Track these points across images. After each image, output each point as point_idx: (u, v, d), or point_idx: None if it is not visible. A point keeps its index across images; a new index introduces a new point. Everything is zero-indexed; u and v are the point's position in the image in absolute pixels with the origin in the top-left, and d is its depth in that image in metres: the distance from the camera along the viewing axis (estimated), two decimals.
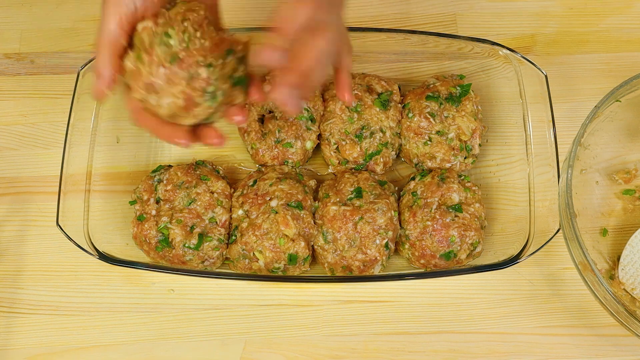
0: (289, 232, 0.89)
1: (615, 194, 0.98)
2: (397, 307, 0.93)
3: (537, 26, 1.09)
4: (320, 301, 0.93)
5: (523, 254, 0.89)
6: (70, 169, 0.93)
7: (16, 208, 0.98)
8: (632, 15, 1.10)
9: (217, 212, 0.92)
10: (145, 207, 0.92)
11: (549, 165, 0.93)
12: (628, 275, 0.92)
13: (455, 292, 0.94)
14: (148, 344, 0.92)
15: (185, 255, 0.90)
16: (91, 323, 0.92)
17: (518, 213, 0.94)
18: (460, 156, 0.96)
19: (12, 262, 0.95)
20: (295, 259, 0.90)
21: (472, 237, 0.91)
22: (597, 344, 0.91)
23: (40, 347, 0.91)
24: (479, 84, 1.02)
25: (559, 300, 0.93)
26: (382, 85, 0.99)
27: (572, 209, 0.84)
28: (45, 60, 1.07)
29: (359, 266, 0.90)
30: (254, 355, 0.91)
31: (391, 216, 0.91)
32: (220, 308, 0.93)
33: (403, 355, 0.91)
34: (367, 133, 0.96)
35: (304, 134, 0.96)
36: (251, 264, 0.90)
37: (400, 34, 1.01)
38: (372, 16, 1.10)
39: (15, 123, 1.03)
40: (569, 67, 1.06)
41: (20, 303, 0.93)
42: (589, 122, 0.88)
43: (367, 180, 0.94)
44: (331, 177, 0.98)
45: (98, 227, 0.93)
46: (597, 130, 0.96)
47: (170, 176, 0.93)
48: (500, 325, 0.92)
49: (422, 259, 0.92)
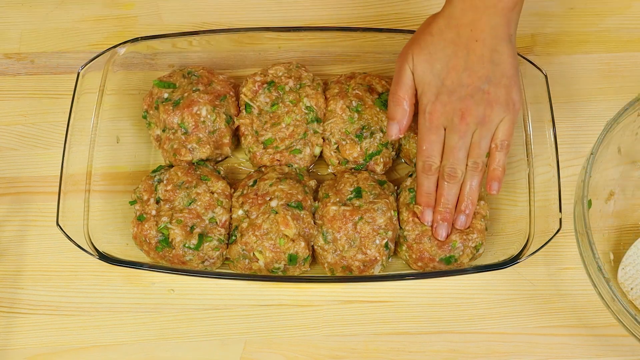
0: (289, 232, 0.89)
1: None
2: (397, 307, 0.93)
3: (537, 26, 1.09)
4: (320, 301, 0.93)
5: (523, 254, 0.89)
6: (70, 169, 0.93)
7: (16, 208, 0.98)
8: (632, 15, 1.10)
9: (217, 212, 0.92)
10: (145, 207, 0.92)
11: (549, 165, 0.93)
12: (627, 276, 0.92)
13: (455, 292, 0.94)
14: (148, 344, 0.92)
15: (185, 256, 0.90)
16: (91, 323, 0.92)
17: (518, 213, 0.94)
18: None
19: (12, 262, 0.95)
20: (295, 259, 0.89)
21: (475, 239, 0.90)
22: (597, 344, 0.91)
23: (40, 347, 0.91)
24: None
25: (559, 300, 0.93)
26: (382, 85, 0.99)
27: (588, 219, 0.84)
28: (45, 60, 1.07)
29: (359, 266, 0.90)
30: (254, 355, 0.91)
31: (390, 216, 0.91)
32: (220, 308, 0.93)
33: (403, 355, 0.91)
34: (367, 133, 0.96)
35: (311, 138, 0.96)
36: (251, 264, 0.90)
37: (400, 34, 1.01)
38: (372, 16, 1.10)
39: (15, 123, 1.03)
40: (569, 67, 1.06)
41: (20, 303, 0.93)
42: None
43: (366, 180, 0.94)
44: (331, 177, 0.98)
45: (98, 227, 0.93)
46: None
47: (170, 176, 0.93)
48: (500, 325, 0.92)
49: (419, 262, 0.91)
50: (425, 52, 0.87)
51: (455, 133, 0.87)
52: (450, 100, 0.86)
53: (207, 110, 0.95)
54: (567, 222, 0.91)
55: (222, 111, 0.96)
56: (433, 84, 0.87)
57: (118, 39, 1.04)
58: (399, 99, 0.89)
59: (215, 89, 0.98)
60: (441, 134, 0.88)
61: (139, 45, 1.00)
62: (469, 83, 0.86)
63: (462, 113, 0.86)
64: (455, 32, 0.85)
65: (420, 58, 0.87)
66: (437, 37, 0.86)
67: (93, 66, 0.97)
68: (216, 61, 1.03)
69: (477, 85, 0.85)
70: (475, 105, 0.86)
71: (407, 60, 0.88)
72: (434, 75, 0.87)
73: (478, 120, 0.86)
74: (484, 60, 0.85)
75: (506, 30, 0.85)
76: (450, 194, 0.90)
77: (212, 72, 1.00)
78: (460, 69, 0.85)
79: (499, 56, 0.85)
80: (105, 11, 1.11)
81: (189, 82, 0.98)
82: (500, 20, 0.84)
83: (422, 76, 0.87)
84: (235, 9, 1.11)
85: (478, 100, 0.86)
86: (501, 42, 0.85)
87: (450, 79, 0.86)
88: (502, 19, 0.84)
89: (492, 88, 0.86)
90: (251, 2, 1.11)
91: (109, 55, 0.98)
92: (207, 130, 0.96)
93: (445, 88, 0.86)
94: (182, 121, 0.95)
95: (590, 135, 0.94)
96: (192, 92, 0.96)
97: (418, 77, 0.88)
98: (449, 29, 0.85)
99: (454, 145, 0.88)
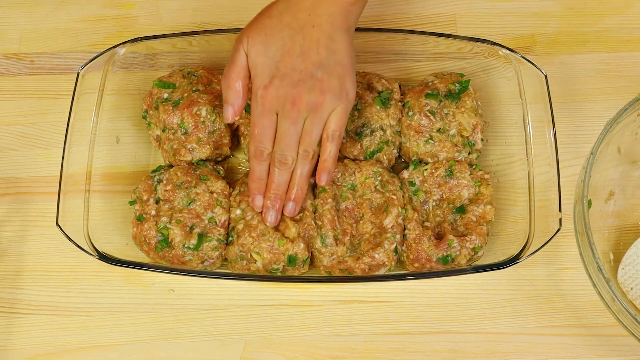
0: (289, 233, 0.89)
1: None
2: (397, 307, 0.93)
3: (537, 26, 1.09)
4: (320, 301, 0.93)
5: (523, 254, 0.89)
6: (70, 169, 0.93)
7: (16, 208, 0.98)
8: (632, 15, 1.10)
9: (216, 212, 0.92)
10: (145, 207, 0.92)
11: (549, 165, 0.93)
12: (627, 276, 0.92)
13: (455, 292, 0.94)
14: (148, 344, 0.92)
15: (184, 256, 0.90)
16: (91, 323, 0.92)
17: (518, 213, 0.94)
18: (464, 152, 0.95)
19: (12, 262, 0.95)
20: (295, 260, 0.89)
21: (473, 241, 0.90)
22: (597, 344, 0.91)
23: (40, 347, 0.91)
24: (478, 84, 1.01)
25: (559, 300, 0.93)
26: (382, 84, 0.99)
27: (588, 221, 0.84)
28: (45, 60, 1.07)
29: (364, 269, 0.89)
30: (254, 355, 0.91)
31: (398, 213, 0.90)
32: (220, 308, 0.93)
33: (403, 355, 0.91)
34: (367, 131, 0.96)
35: None
36: (249, 265, 0.90)
37: (400, 34, 1.01)
38: (372, 16, 1.10)
39: (15, 123, 1.03)
40: (569, 67, 1.06)
41: (20, 303, 0.93)
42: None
43: (372, 166, 0.93)
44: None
45: (98, 227, 0.93)
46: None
47: (170, 176, 0.93)
48: (500, 325, 0.92)
49: (416, 262, 0.90)
50: (262, 34, 0.85)
51: (286, 119, 0.86)
52: (283, 84, 0.85)
53: (207, 111, 0.95)
54: (567, 222, 0.91)
55: (222, 111, 0.96)
56: (267, 67, 0.85)
57: (118, 39, 1.04)
58: (230, 81, 0.88)
59: (215, 89, 0.98)
60: (273, 119, 0.87)
61: (138, 46, 1.00)
62: (302, 68, 0.84)
63: (293, 99, 0.85)
64: (293, 16, 0.84)
65: (256, 40, 0.85)
66: (275, 19, 0.85)
67: (93, 66, 0.97)
68: (216, 61, 1.03)
69: (310, 71, 0.84)
70: (307, 91, 0.84)
71: (242, 42, 0.86)
72: (268, 58, 0.85)
73: (309, 107, 0.85)
74: (320, 47, 0.84)
75: (344, 21, 0.84)
76: (280, 180, 0.89)
77: (212, 72, 1.00)
78: (295, 53, 0.84)
79: (334, 45, 0.84)
80: (105, 11, 1.11)
81: (189, 82, 0.98)
82: (338, 10, 0.84)
83: (255, 59, 0.86)
84: (235, 9, 1.11)
85: (310, 87, 0.84)
86: (338, 31, 0.84)
87: (284, 63, 0.85)
88: (341, 9, 0.84)
89: (325, 75, 0.85)
90: (251, 2, 1.11)
91: (109, 56, 0.98)
92: (207, 130, 0.96)
93: (279, 72, 0.85)
94: (181, 121, 0.95)
95: (590, 135, 0.94)
96: (192, 92, 0.96)
97: (251, 60, 0.86)
98: (287, 13, 0.84)
99: (285, 132, 0.86)
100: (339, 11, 0.84)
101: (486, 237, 0.91)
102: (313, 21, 0.84)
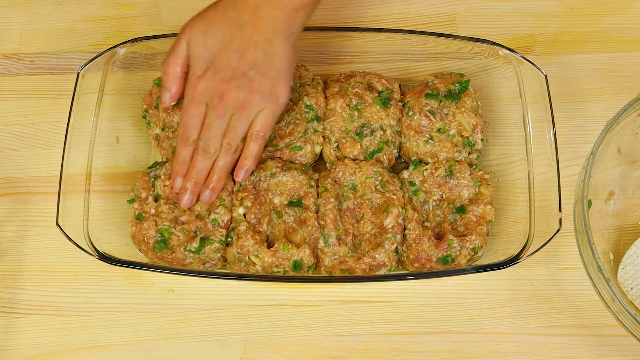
0: (294, 239, 0.89)
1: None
2: (397, 307, 0.93)
3: (537, 26, 1.09)
4: (320, 301, 0.93)
5: (523, 254, 0.89)
6: (70, 169, 0.93)
7: (16, 208, 0.98)
8: (632, 15, 1.10)
9: (219, 213, 0.91)
10: (144, 205, 0.91)
11: (549, 165, 0.93)
12: (627, 276, 0.92)
13: (455, 292, 0.94)
14: (148, 344, 0.92)
15: (185, 259, 0.89)
16: (91, 323, 0.92)
17: (518, 213, 0.94)
18: (464, 152, 0.95)
19: (12, 262, 0.95)
20: (300, 266, 0.88)
21: (473, 241, 0.90)
22: (597, 344, 0.91)
23: (40, 347, 0.91)
24: (478, 84, 1.01)
25: (559, 300, 0.93)
26: (382, 84, 0.99)
27: (588, 221, 0.84)
28: (45, 60, 1.07)
29: (365, 269, 0.89)
30: (254, 355, 0.91)
31: (398, 213, 0.91)
32: (220, 308, 0.93)
33: (403, 355, 0.91)
34: (367, 131, 0.96)
35: (311, 137, 0.96)
36: (248, 268, 0.90)
37: (400, 34, 1.01)
38: (372, 16, 1.10)
39: (15, 123, 1.03)
40: (569, 67, 1.06)
41: (20, 303, 0.93)
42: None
43: (372, 166, 0.93)
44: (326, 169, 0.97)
45: (98, 228, 0.92)
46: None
47: (166, 170, 0.93)
48: (500, 325, 0.92)
49: (416, 262, 0.90)
50: (204, 25, 0.87)
51: (213, 112, 0.88)
52: (215, 78, 0.86)
53: None
54: (567, 222, 0.91)
55: None
56: (203, 59, 0.87)
57: (118, 39, 1.04)
58: (168, 67, 0.89)
59: None
60: (202, 109, 0.89)
61: (138, 46, 1.00)
62: (237, 66, 0.86)
63: (222, 94, 0.86)
64: (237, 13, 0.85)
65: (197, 30, 0.87)
66: (219, 13, 0.86)
67: (93, 66, 0.97)
68: None
69: (243, 70, 0.86)
70: (236, 89, 0.86)
71: (184, 31, 0.88)
72: (206, 50, 0.87)
73: (237, 104, 0.87)
74: (257, 48, 0.85)
75: (287, 27, 0.85)
76: (201, 167, 0.90)
77: None
78: (232, 49, 0.86)
79: (273, 48, 0.85)
80: (104, 11, 1.11)
81: None
82: (281, 15, 0.85)
83: (194, 48, 0.87)
84: None
85: (240, 85, 0.86)
86: (279, 35, 0.85)
87: (220, 57, 0.86)
88: (285, 15, 0.85)
89: (257, 76, 0.86)
90: None
91: (109, 56, 0.98)
92: None
93: (214, 65, 0.87)
94: None
95: (590, 135, 0.94)
96: None
97: (191, 49, 0.88)
98: (232, 9, 0.86)
99: (211, 124, 0.88)
100: (282, 16, 0.85)
101: (486, 237, 0.91)
102: (255, 22, 0.85)
